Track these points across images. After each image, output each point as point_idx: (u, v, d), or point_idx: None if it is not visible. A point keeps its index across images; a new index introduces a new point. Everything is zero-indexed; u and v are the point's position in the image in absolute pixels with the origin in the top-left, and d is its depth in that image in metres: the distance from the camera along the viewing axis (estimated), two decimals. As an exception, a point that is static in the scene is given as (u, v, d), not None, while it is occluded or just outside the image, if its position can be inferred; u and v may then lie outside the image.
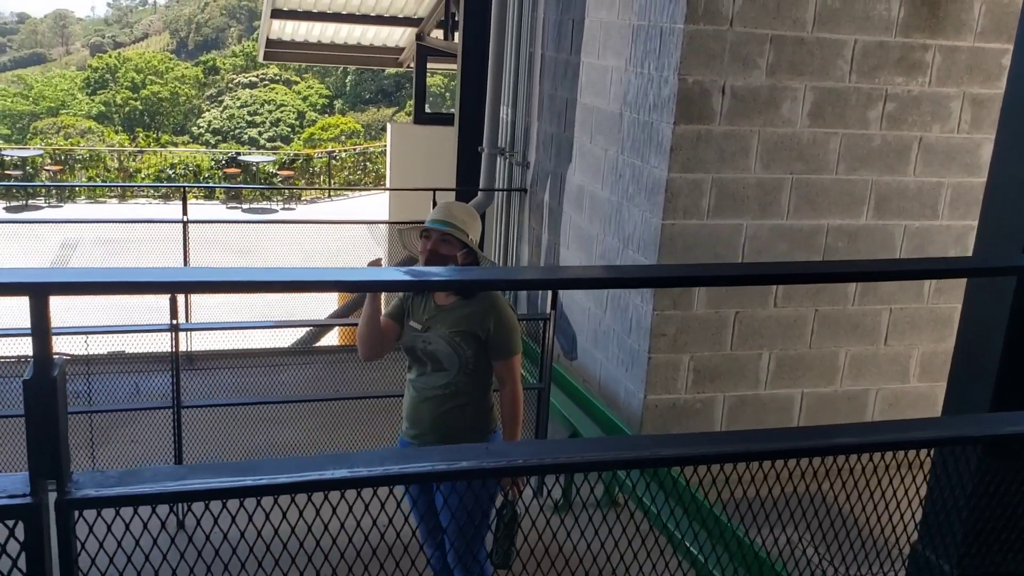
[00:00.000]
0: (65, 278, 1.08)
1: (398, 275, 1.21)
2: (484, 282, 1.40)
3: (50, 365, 1.12)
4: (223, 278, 1.11)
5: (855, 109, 5.31)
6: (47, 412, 1.12)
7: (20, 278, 1.08)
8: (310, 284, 1.14)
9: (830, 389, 5.77)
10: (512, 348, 3.55)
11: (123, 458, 5.46)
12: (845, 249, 5.53)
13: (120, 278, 1.11)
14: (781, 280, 1.41)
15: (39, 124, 36.01)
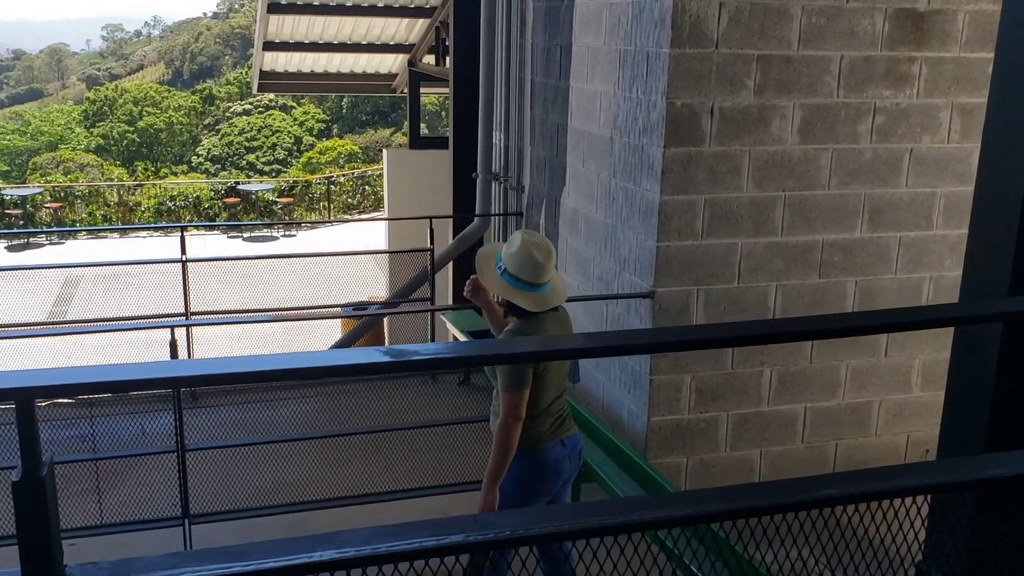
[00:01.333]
0: (50, 381, 1.09)
1: (378, 357, 1.23)
2: (484, 358, 1.41)
3: (38, 466, 1.13)
4: (205, 371, 1.13)
5: (844, 124, 5.34)
6: (37, 513, 1.13)
7: (4, 384, 1.10)
8: (290, 372, 1.16)
9: (833, 403, 5.77)
10: (503, 381, 3.62)
11: (130, 502, 5.46)
12: (841, 263, 5.55)
13: (102, 378, 1.13)
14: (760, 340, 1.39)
15: (38, 159, 36.17)
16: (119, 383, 1.12)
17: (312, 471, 5.84)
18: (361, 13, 12.47)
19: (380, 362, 1.20)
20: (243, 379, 1.12)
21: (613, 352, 1.36)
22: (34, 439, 1.12)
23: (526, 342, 2.65)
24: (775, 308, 5.51)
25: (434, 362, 1.26)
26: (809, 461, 5.81)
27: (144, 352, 10.15)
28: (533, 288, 3.68)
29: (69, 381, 1.11)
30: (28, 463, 1.13)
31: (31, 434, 1.12)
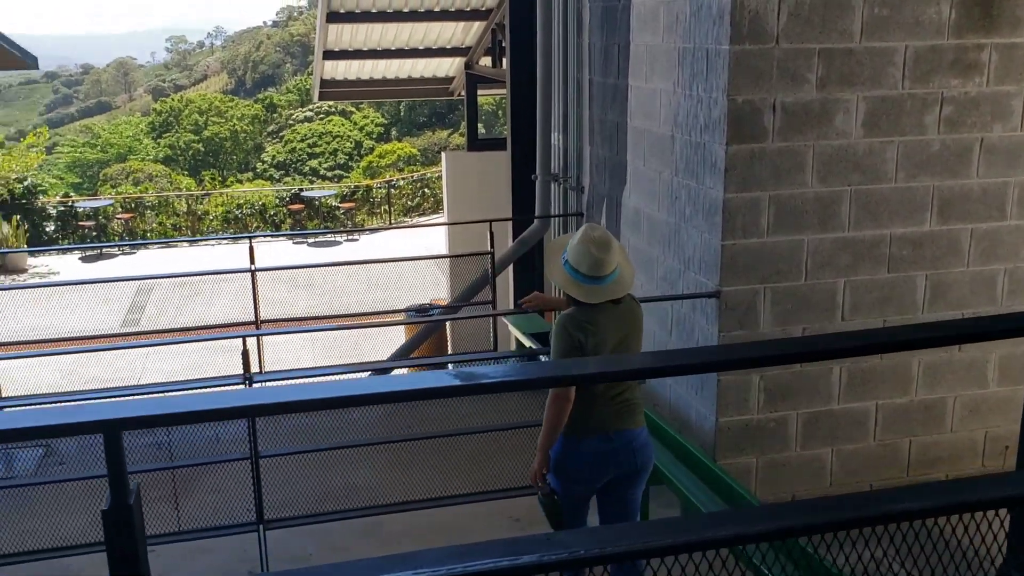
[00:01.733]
0: (136, 413, 1.13)
1: (449, 379, 1.25)
2: (539, 381, 1.42)
3: (126, 494, 1.17)
4: (282, 399, 1.16)
5: (911, 115, 5.22)
6: (126, 539, 1.17)
7: (93, 416, 1.14)
8: (363, 397, 1.18)
9: (905, 399, 5.65)
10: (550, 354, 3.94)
11: (206, 508, 5.59)
12: (910, 257, 5.42)
13: (187, 408, 1.16)
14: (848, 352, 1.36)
15: (108, 171, 37.20)
16: (200, 413, 1.15)
17: (383, 474, 5.91)
18: (418, 19, 12.58)
19: (451, 386, 1.22)
20: (319, 406, 1.15)
21: (675, 372, 1.36)
22: (122, 469, 1.16)
23: (590, 363, 2.65)
24: (843, 304, 5.41)
25: (505, 384, 1.28)
26: (882, 459, 5.70)
27: (216, 356, 10.38)
28: (591, 280, 3.80)
29: (154, 412, 1.14)
30: (117, 492, 1.17)
31: (119, 464, 1.16)
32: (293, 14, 70.29)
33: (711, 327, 5.39)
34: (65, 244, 20.09)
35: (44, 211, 20.19)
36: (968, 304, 5.57)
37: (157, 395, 6.82)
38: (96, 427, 1.11)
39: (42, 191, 20.89)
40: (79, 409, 1.12)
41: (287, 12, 72.89)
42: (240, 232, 21.31)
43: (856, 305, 5.42)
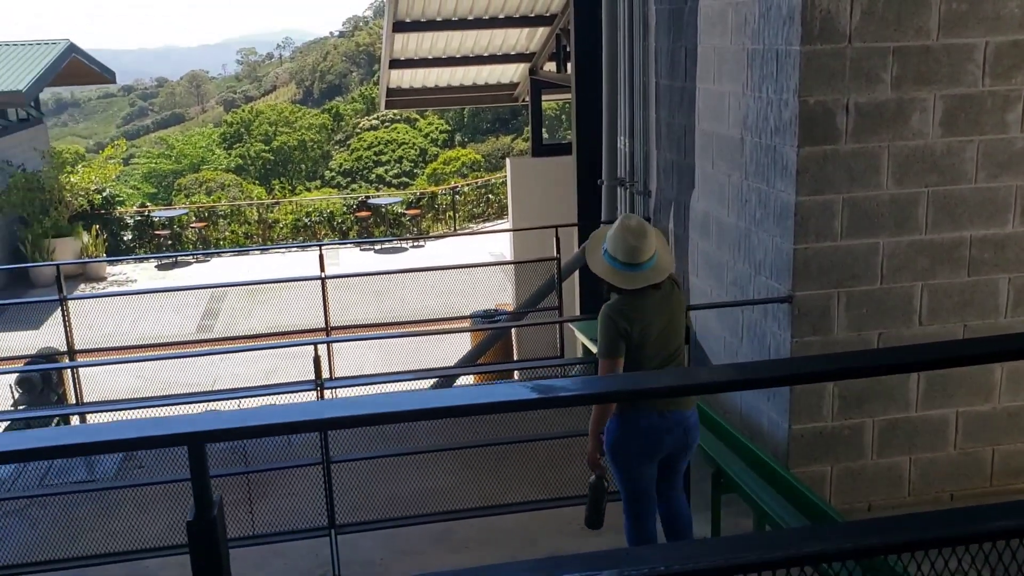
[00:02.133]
0: (217, 426, 1.15)
1: (525, 392, 1.24)
2: (613, 395, 1.40)
3: (210, 506, 1.18)
4: (357, 412, 1.16)
5: (991, 114, 5.06)
6: (210, 550, 1.19)
7: (176, 428, 1.16)
8: (435, 411, 1.18)
9: (987, 407, 5.47)
10: (598, 348, 4.19)
11: (280, 512, 5.68)
12: (992, 260, 5.26)
13: (268, 420, 1.18)
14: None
15: (182, 181, 38.13)
16: (279, 426, 1.17)
17: (452, 478, 5.93)
18: (483, 26, 12.64)
19: (524, 399, 1.21)
20: (393, 419, 1.15)
21: (738, 386, 1.33)
22: (205, 481, 1.17)
23: (654, 377, 2.64)
24: (921, 309, 5.27)
25: (577, 399, 1.26)
26: (963, 468, 5.53)
27: (288, 360, 10.57)
28: (629, 268, 4.04)
29: (235, 425, 1.16)
30: (201, 504, 1.18)
31: (202, 476, 1.18)
32: (359, 24, 71.30)
33: (783, 333, 5.29)
34: (142, 253, 20.64)
35: (122, 221, 20.78)
36: (1054, 308, 5.37)
37: (237, 408, 6.98)
38: (180, 439, 1.13)
39: (120, 201, 21.51)
40: (163, 421, 1.14)
41: (353, 22, 73.98)
42: (309, 239, 21.65)
43: (934, 309, 5.27)
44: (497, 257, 18.16)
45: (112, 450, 1.13)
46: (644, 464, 4.31)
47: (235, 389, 8.48)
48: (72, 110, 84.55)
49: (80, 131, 73.85)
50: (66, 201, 18.51)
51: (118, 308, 13.18)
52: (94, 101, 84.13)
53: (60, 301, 7.20)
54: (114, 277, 18.57)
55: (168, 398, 6.68)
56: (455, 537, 5.42)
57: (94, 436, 1.15)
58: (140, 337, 12.59)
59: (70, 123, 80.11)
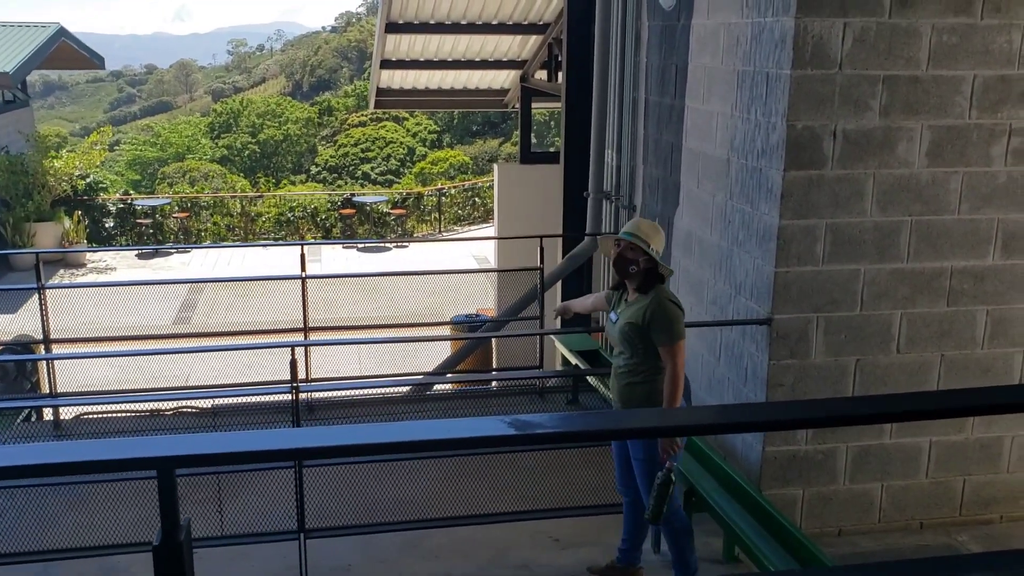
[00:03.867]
0: (189, 451, 1.14)
1: (500, 428, 1.23)
2: (584, 434, 1.40)
3: (177, 531, 1.17)
4: (333, 442, 1.15)
5: (977, 146, 5.10)
6: (175, 575, 1.17)
7: (147, 452, 1.14)
8: (413, 444, 1.17)
9: (960, 437, 5.51)
10: (668, 336, 4.39)
11: (250, 511, 5.64)
12: (971, 291, 5.30)
13: (240, 447, 1.16)
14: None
15: (166, 169, 37.88)
16: (248, 454, 1.16)
17: (426, 486, 5.91)
18: (475, 31, 12.63)
19: (507, 435, 1.21)
20: (368, 450, 1.14)
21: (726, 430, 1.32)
22: (174, 505, 1.16)
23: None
24: (899, 336, 5.30)
25: (560, 436, 1.25)
26: (934, 497, 5.56)
27: (265, 357, 10.51)
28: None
29: (207, 451, 1.14)
30: (168, 527, 1.17)
31: (171, 500, 1.16)
32: (351, 20, 71.12)
33: (761, 354, 5.31)
34: (123, 241, 20.47)
35: (104, 207, 20.61)
36: (1029, 341, 5.42)
37: (212, 406, 6.91)
38: (150, 463, 1.12)
39: (103, 188, 21.31)
40: (134, 444, 1.13)
41: (345, 18, 73.80)
42: (291, 234, 21.54)
43: (912, 338, 5.30)
44: (481, 260, 18.16)
45: (82, 471, 1.12)
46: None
47: (210, 387, 8.40)
48: (59, 93, 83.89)
49: (67, 114, 73.27)
50: (49, 186, 18.34)
51: (96, 296, 13.05)
52: (82, 85, 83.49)
53: (38, 290, 7.13)
54: (94, 264, 18.42)
55: (142, 392, 6.62)
56: (426, 545, 5.40)
57: (64, 456, 1.13)
58: (117, 327, 12.48)
59: (57, 106, 79.47)
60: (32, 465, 1.09)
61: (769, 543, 4.76)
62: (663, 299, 4.45)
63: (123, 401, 6.64)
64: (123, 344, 9.00)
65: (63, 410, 7.26)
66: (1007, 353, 5.42)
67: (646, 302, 4.45)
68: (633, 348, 4.48)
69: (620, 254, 4.50)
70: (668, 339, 4.40)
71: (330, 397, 7.94)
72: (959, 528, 5.56)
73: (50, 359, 7.10)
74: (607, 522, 5.35)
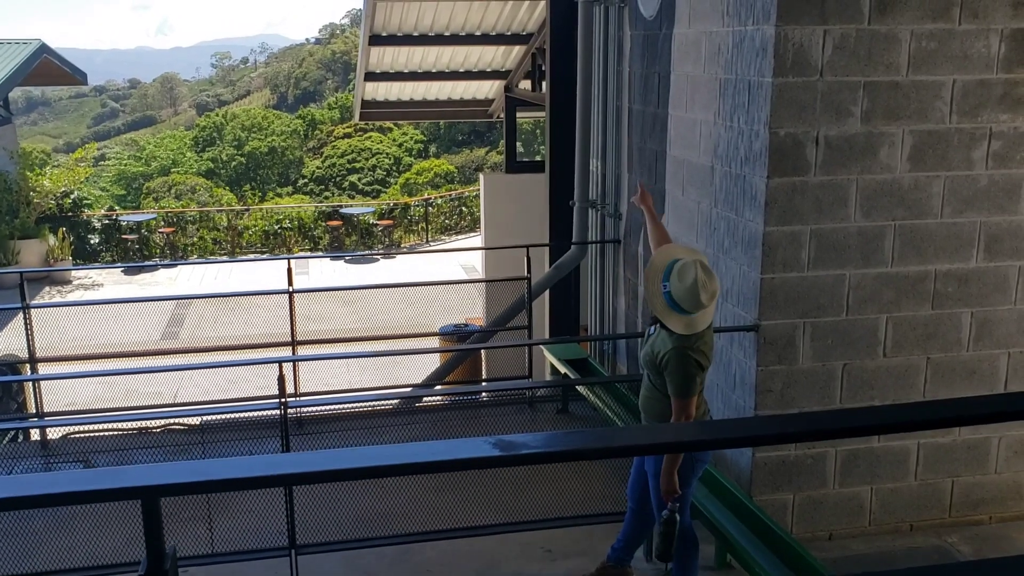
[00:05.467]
0: (174, 479, 1.13)
1: (486, 449, 1.23)
2: (576, 453, 1.40)
3: (162, 559, 1.16)
4: (320, 467, 1.15)
5: (958, 150, 5.14)
6: (162, 605, 1.16)
7: (131, 482, 1.14)
8: (399, 468, 1.17)
9: (948, 439, 5.54)
10: (674, 390, 4.20)
11: (239, 529, 5.61)
12: (956, 294, 5.33)
13: (224, 475, 1.16)
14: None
15: (151, 184, 37.76)
16: (236, 481, 1.15)
17: (416, 499, 5.90)
18: (459, 42, 12.65)
19: (496, 456, 1.21)
20: (361, 475, 1.14)
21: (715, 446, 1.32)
22: (159, 534, 1.16)
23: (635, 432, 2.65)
24: (885, 340, 5.33)
25: (545, 456, 1.25)
26: (923, 499, 5.59)
27: (253, 372, 10.47)
28: (686, 313, 4.13)
29: (192, 479, 1.14)
30: (154, 556, 1.16)
31: (156, 530, 1.16)
32: (335, 32, 71.10)
33: (749, 361, 5.32)
34: (108, 257, 20.39)
35: (89, 224, 20.53)
36: (1015, 343, 5.46)
37: (200, 423, 6.87)
38: (135, 493, 1.11)
39: (88, 204, 21.23)
40: (118, 474, 1.12)
41: (329, 30, 73.75)
42: (279, 246, 21.51)
43: (899, 342, 5.33)
44: (468, 269, 18.16)
45: (67, 502, 1.11)
46: (694, 486, 4.59)
47: (197, 403, 8.36)
48: (42, 109, 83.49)
49: (50, 130, 72.91)
50: (34, 203, 18.27)
51: (82, 313, 12.98)
52: (65, 101, 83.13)
53: (23, 309, 7.08)
54: (79, 281, 18.33)
55: (129, 411, 6.59)
56: (417, 559, 5.38)
57: (48, 488, 1.12)
58: (104, 344, 12.42)
59: (40, 122, 79.07)
60: (14, 498, 1.09)
61: (760, 549, 4.77)
62: (681, 355, 4.15)
63: (110, 420, 6.61)
64: (110, 362, 8.96)
65: (50, 430, 7.22)
66: (992, 355, 5.45)
67: (667, 346, 4.19)
68: (652, 376, 4.38)
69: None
70: (674, 392, 4.21)
71: (319, 412, 7.91)
72: (949, 529, 5.58)
73: (36, 380, 7.05)
74: (598, 531, 5.35)
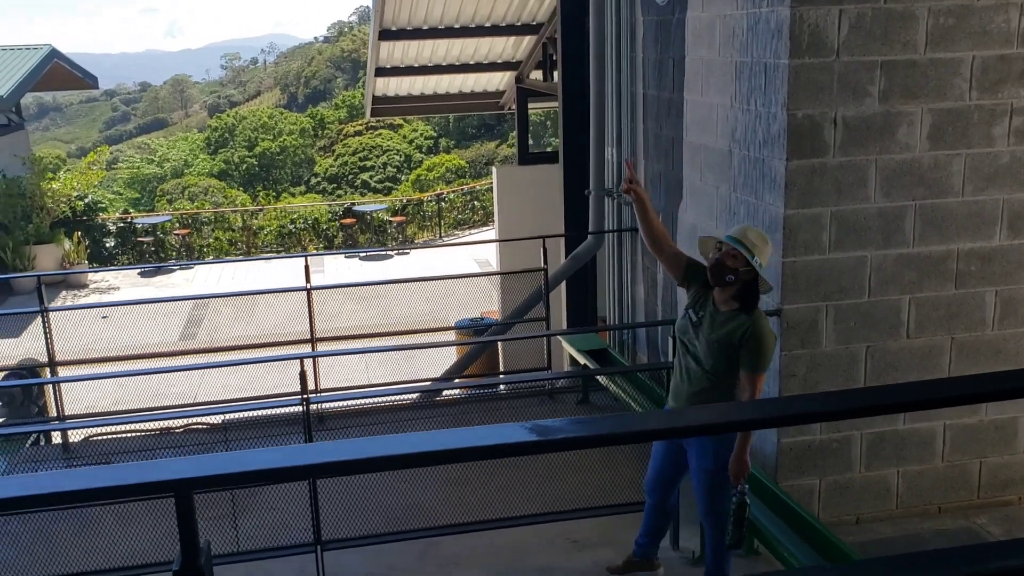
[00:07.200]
0: (206, 472, 1.11)
1: (521, 434, 1.21)
2: (603, 438, 1.37)
3: (197, 554, 1.15)
4: (352, 456, 1.13)
5: (978, 127, 5.07)
6: (198, 601, 1.14)
7: (164, 475, 1.12)
8: (428, 455, 1.15)
9: (974, 419, 5.48)
10: (753, 365, 4.09)
11: (265, 526, 5.62)
12: (979, 272, 5.27)
13: (257, 466, 1.14)
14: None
15: (165, 186, 37.92)
16: (269, 472, 1.13)
17: (441, 492, 5.89)
18: (468, 34, 12.62)
19: (521, 442, 1.18)
20: (383, 465, 1.12)
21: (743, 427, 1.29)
22: (193, 529, 1.14)
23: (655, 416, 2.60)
24: (908, 322, 5.27)
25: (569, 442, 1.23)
26: (950, 480, 5.53)
27: (272, 369, 10.52)
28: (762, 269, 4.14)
29: (224, 471, 1.12)
30: (187, 552, 1.14)
31: (190, 524, 1.14)
32: (343, 30, 71.15)
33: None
34: (124, 260, 20.46)
35: (104, 227, 20.61)
36: (1040, 320, 5.39)
37: (222, 422, 6.88)
38: (167, 487, 1.09)
39: (102, 208, 21.31)
40: (150, 468, 1.10)
41: (338, 28, 73.82)
42: (294, 246, 21.54)
43: (922, 323, 5.27)
44: (483, 263, 18.14)
45: (99, 498, 1.10)
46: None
47: (219, 402, 8.38)
48: (54, 114, 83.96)
49: (62, 135, 73.33)
50: (48, 208, 18.35)
51: (100, 315, 13.04)
52: (76, 106, 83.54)
53: (41, 313, 7.11)
54: (96, 284, 18.41)
55: (151, 412, 6.60)
56: (443, 552, 5.38)
57: (79, 484, 1.11)
58: (123, 346, 12.48)
59: (52, 127, 79.53)
60: (44, 495, 1.07)
61: (788, 535, 4.74)
62: (764, 326, 4.12)
63: (131, 421, 6.63)
64: (129, 363, 8.99)
65: (71, 432, 7.25)
66: (1018, 333, 5.39)
67: (745, 322, 4.10)
68: (715, 363, 4.17)
69: (720, 260, 4.11)
70: (752, 368, 4.10)
71: (340, 407, 7.92)
72: (977, 511, 5.53)
73: (56, 382, 7.08)
74: (625, 521, 5.32)
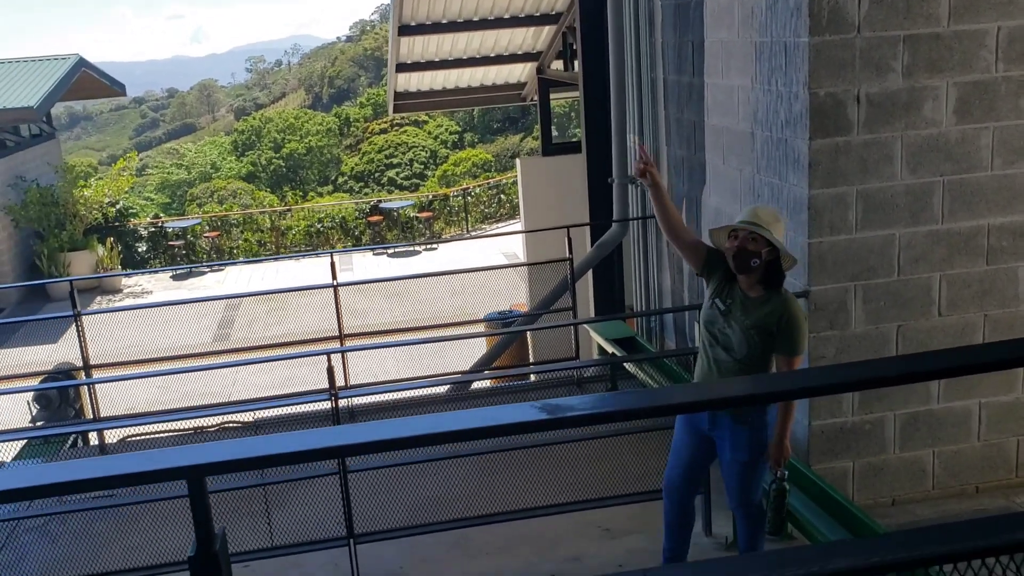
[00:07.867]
0: (219, 457, 1.11)
1: (533, 413, 1.20)
2: (625, 412, 1.36)
3: (212, 541, 1.15)
4: (365, 438, 1.13)
5: (1006, 99, 4.98)
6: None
7: (176, 462, 1.12)
8: (447, 435, 1.14)
9: (1011, 397, 5.39)
10: (792, 348, 4.00)
11: (298, 520, 5.66)
12: (1010, 248, 5.18)
13: (270, 450, 1.14)
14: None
15: (194, 190, 38.30)
16: (282, 456, 1.13)
17: (470, 483, 5.90)
18: (488, 27, 12.61)
19: (539, 420, 1.18)
20: (404, 444, 1.11)
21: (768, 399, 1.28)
22: (207, 514, 1.14)
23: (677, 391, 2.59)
24: (940, 300, 5.19)
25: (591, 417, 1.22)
26: (987, 459, 5.45)
27: (305, 367, 10.61)
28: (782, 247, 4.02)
29: (234, 457, 1.12)
30: (203, 538, 1.15)
31: (204, 510, 1.14)
32: (365, 28, 71.37)
33: (800, 328, 5.21)
34: (156, 264, 20.71)
35: (136, 232, 20.87)
36: (1076, 294, 5.29)
37: (253, 419, 6.94)
38: (179, 473, 1.10)
39: (133, 213, 21.58)
40: (162, 455, 1.11)
41: (360, 27, 74.06)
42: (322, 244, 21.67)
43: (953, 300, 5.19)
44: (510, 256, 18.13)
45: (111, 486, 1.10)
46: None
47: (249, 400, 8.45)
48: (84, 123, 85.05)
49: (93, 144, 74.26)
50: (80, 215, 18.60)
51: (134, 320, 13.21)
52: (106, 114, 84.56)
53: (74, 317, 7.21)
54: (130, 289, 18.65)
55: (184, 411, 6.67)
56: (474, 543, 5.39)
57: (93, 472, 1.11)
58: (157, 349, 12.64)
59: (83, 136, 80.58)
60: (59, 483, 1.08)
61: (822, 517, 4.69)
62: (798, 308, 4.04)
63: (165, 420, 6.71)
64: (164, 365, 9.09)
65: (108, 434, 7.34)
66: (1053, 308, 5.29)
67: (778, 305, 3.99)
68: (749, 350, 4.03)
69: (741, 247, 3.95)
70: (792, 351, 4.01)
71: (370, 402, 7.96)
72: (1017, 490, 5.44)
73: (90, 383, 7.18)
74: (658, 508, 5.29)
